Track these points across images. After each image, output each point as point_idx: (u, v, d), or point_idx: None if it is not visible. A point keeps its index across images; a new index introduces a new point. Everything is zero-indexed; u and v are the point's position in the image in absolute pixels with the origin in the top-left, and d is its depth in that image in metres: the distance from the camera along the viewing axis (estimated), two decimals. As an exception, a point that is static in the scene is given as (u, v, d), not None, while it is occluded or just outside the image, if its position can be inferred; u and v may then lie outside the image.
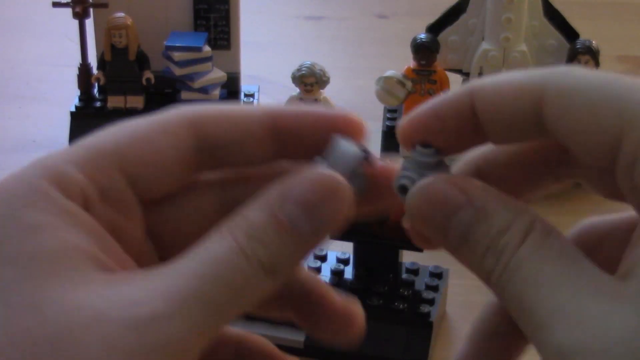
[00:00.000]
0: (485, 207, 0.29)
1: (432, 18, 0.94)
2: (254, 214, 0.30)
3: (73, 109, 0.97)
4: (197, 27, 0.98)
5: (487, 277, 0.29)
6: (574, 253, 0.29)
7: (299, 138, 0.33)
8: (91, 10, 0.97)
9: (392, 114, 0.96)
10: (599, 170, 0.31)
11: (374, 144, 0.96)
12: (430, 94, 0.93)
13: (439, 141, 0.32)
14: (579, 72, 0.29)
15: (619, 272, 0.28)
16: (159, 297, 0.27)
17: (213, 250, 0.29)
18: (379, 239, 0.69)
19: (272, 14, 1.35)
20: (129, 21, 0.94)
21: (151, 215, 0.33)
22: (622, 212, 0.33)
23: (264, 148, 0.33)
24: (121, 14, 0.95)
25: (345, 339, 0.34)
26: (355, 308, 0.34)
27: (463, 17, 0.93)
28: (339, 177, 0.30)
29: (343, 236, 0.71)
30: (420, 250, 0.70)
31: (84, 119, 0.97)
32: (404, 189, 0.31)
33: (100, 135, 0.33)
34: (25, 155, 0.97)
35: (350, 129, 0.32)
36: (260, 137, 0.32)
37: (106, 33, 0.94)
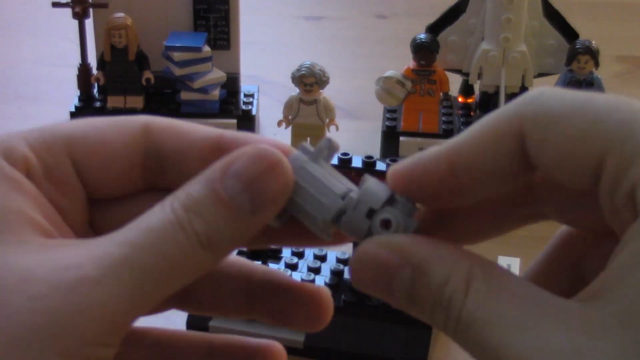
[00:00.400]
0: (421, 264, 0.29)
1: (431, 18, 0.94)
2: (194, 187, 0.30)
3: (73, 109, 0.97)
4: (196, 27, 0.98)
5: (443, 330, 0.29)
6: (523, 287, 0.28)
7: None
8: (91, 10, 0.97)
9: (391, 114, 0.96)
10: (573, 203, 0.30)
11: (374, 144, 0.96)
12: (430, 94, 0.93)
13: (423, 201, 0.31)
14: (552, 98, 0.29)
15: (589, 293, 0.27)
16: (90, 262, 0.28)
17: (150, 222, 0.29)
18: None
19: (271, 14, 1.35)
20: (129, 21, 0.94)
21: (96, 211, 0.34)
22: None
23: (206, 166, 0.33)
24: (121, 14, 0.95)
25: (316, 322, 0.34)
26: (321, 290, 0.34)
27: (463, 17, 0.93)
28: (279, 152, 0.30)
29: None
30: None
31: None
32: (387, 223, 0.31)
33: (59, 123, 0.34)
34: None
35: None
36: (203, 155, 0.33)
37: (106, 33, 0.94)
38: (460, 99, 0.99)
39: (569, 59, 0.90)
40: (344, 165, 0.68)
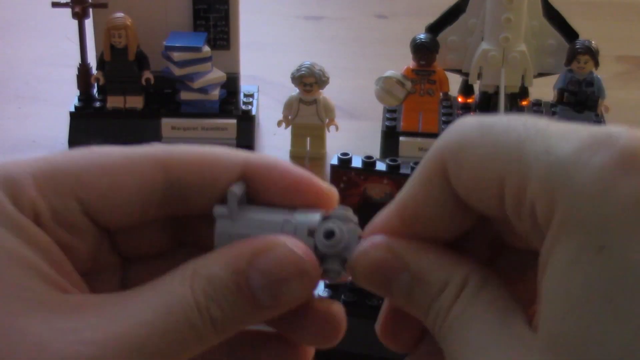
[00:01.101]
0: (420, 271, 0.30)
1: (431, 18, 0.94)
2: (217, 270, 0.30)
3: (72, 109, 0.97)
4: (196, 27, 0.98)
5: (433, 331, 0.30)
6: (504, 306, 0.29)
7: (268, 192, 0.33)
8: (90, 10, 0.97)
9: (391, 114, 0.96)
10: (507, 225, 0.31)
11: (374, 144, 0.96)
12: (430, 94, 0.93)
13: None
14: (468, 126, 0.29)
15: (534, 320, 0.28)
16: (107, 341, 0.28)
17: (170, 302, 0.29)
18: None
19: (271, 14, 1.35)
20: (129, 21, 0.94)
21: (114, 235, 0.33)
22: None
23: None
24: (120, 14, 0.94)
25: (329, 338, 0.34)
26: (335, 307, 0.34)
27: (462, 17, 0.93)
28: (308, 259, 0.30)
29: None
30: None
31: (84, 119, 0.97)
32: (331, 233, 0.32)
33: (67, 155, 0.33)
34: (25, 155, 0.96)
35: (320, 202, 0.33)
36: (228, 183, 0.33)
37: (105, 33, 0.94)
38: (460, 99, 0.99)
39: (569, 58, 0.90)
40: (344, 165, 0.68)
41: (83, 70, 0.99)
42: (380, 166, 0.68)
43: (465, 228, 0.31)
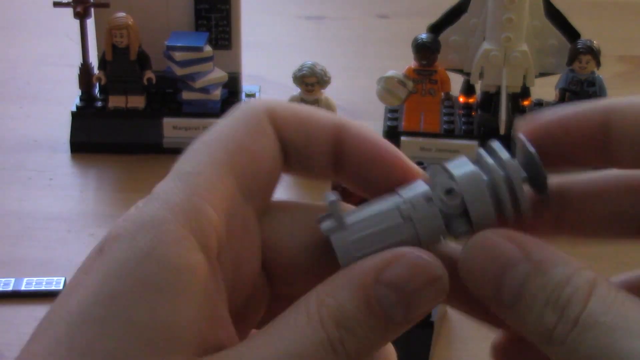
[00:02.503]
0: (542, 261, 0.28)
1: (433, 18, 0.94)
2: (346, 295, 0.28)
3: (74, 109, 0.97)
4: (198, 27, 0.98)
5: (547, 335, 0.27)
6: None
7: (359, 164, 0.31)
8: (92, 10, 0.97)
9: (393, 114, 0.96)
10: None
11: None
12: (432, 94, 0.93)
13: (560, 153, 0.30)
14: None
15: None
16: None
17: (299, 346, 0.27)
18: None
19: (273, 14, 1.35)
20: (130, 21, 0.94)
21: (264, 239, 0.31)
22: None
23: (325, 158, 0.31)
24: (122, 14, 0.95)
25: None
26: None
27: (464, 17, 0.93)
28: (438, 265, 0.28)
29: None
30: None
31: (85, 119, 0.97)
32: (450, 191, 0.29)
33: (210, 153, 0.29)
34: (27, 154, 0.97)
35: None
36: (324, 149, 0.31)
37: (107, 33, 0.94)
38: (461, 99, 0.99)
39: (571, 58, 0.90)
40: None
41: (85, 70, 0.99)
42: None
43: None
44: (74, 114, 0.97)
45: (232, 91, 0.99)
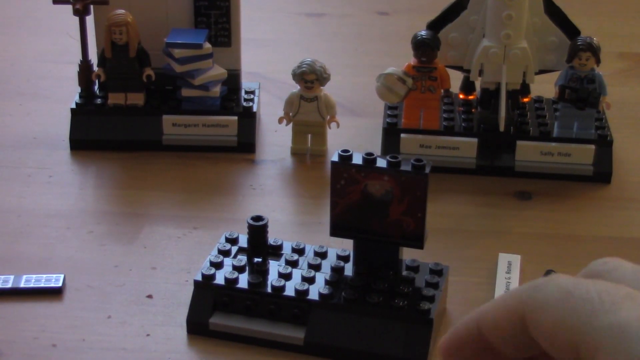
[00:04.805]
0: None
1: (432, 15, 0.94)
2: None
3: (74, 106, 0.98)
4: (197, 24, 0.98)
5: None
6: None
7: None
8: (91, 7, 0.97)
9: (392, 111, 0.96)
10: None
11: (375, 141, 0.96)
12: (431, 91, 0.93)
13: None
14: (550, 294, 0.30)
15: None
16: None
17: None
18: (379, 236, 0.69)
19: (272, 11, 1.35)
20: (130, 18, 0.94)
21: None
22: None
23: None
24: (121, 11, 0.95)
25: None
26: None
27: (464, 14, 0.93)
28: None
29: (344, 233, 0.71)
30: (420, 247, 0.70)
31: (85, 116, 0.97)
32: None
33: None
34: (26, 152, 0.97)
35: None
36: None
37: (106, 30, 0.94)
38: (461, 96, 0.99)
39: (571, 55, 0.90)
40: (345, 162, 0.68)
41: (84, 67, 0.99)
42: (381, 163, 0.68)
43: (534, 353, 0.32)
44: (73, 111, 0.97)
45: (231, 88, 0.99)
